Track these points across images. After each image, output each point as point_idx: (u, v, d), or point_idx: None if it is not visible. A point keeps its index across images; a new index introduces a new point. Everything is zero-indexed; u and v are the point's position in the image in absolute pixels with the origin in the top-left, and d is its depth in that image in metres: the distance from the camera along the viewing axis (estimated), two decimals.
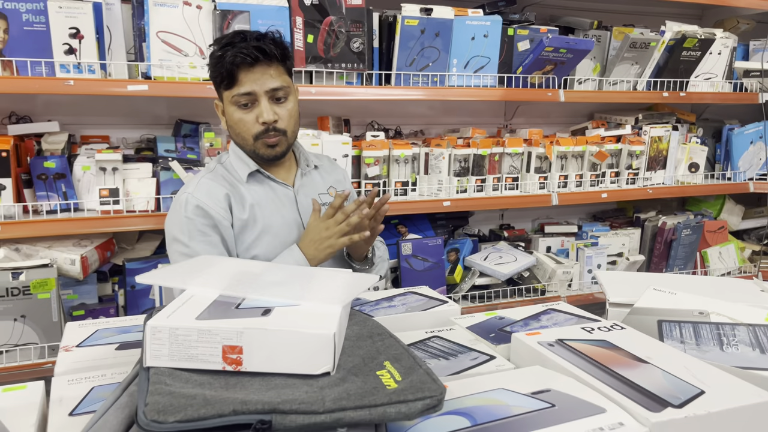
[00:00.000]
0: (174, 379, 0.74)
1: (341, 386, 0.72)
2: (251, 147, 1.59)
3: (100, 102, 2.46)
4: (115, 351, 1.06)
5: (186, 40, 2.12)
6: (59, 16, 1.94)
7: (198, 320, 0.79)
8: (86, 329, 1.16)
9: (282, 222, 1.62)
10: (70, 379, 0.94)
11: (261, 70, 1.51)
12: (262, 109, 1.53)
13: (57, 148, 2.24)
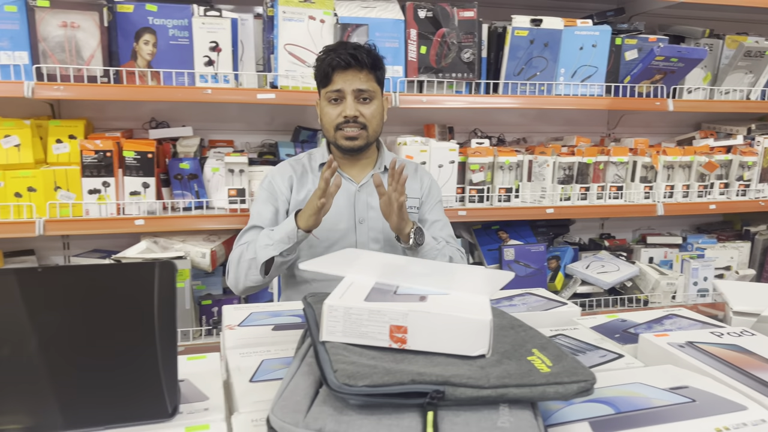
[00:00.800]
0: (349, 352, 0.85)
1: (500, 367, 0.80)
2: (333, 137, 1.79)
3: (228, 109, 2.67)
4: (272, 331, 1.19)
5: (309, 51, 2.28)
6: (201, 31, 2.15)
7: (367, 302, 0.89)
8: (241, 312, 1.30)
9: (334, 210, 1.74)
10: (241, 352, 1.07)
11: (352, 74, 1.74)
12: (347, 105, 1.74)
13: (190, 151, 2.46)
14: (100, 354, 0.86)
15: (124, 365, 0.86)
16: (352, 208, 1.82)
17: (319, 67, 1.76)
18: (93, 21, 2.05)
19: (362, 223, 1.83)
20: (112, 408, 0.84)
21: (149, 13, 2.14)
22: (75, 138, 2.23)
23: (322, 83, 1.77)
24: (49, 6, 2.01)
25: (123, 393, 0.85)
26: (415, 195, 1.91)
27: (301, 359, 0.91)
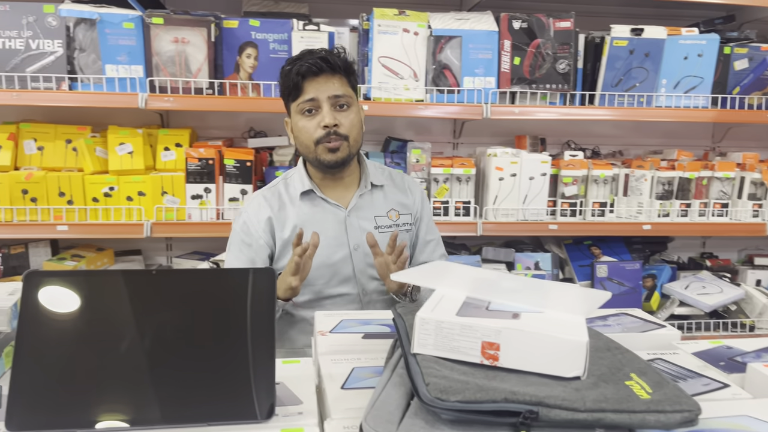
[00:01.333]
0: (440, 366, 0.85)
1: (596, 390, 0.78)
2: (313, 154, 1.60)
3: None
4: (362, 339, 1.21)
5: (402, 64, 2.31)
6: (300, 44, 2.23)
7: (459, 317, 0.89)
8: (332, 319, 1.33)
9: (326, 243, 1.62)
10: (333, 359, 1.10)
11: (324, 79, 1.57)
12: (324, 114, 1.56)
13: (285, 160, 2.55)
14: (200, 354, 0.92)
15: (222, 366, 0.91)
16: (344, 236, 1.65)
17: (286, 78, 1.59)
18: (201, 36, 2.18)
19: (357, 249, 1.66)
20: (210, 407, 0.88)
21: (252, 28, 2.25)
22: (181, 146, 2.38)
23: (292, 96, 1.60)
24: (163, 23, 2.15)
25: (221, 393, 0.89)
26: (407, 211, 1.75)
27: (392, 370, 0.93)
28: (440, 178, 2.47)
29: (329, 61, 1.56)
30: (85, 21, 2.16)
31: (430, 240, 1.78)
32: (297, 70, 1.55)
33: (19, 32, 2.13)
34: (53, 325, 0.91)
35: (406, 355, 0.92)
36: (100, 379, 0.88)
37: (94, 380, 0.88)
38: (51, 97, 2.16)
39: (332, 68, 1.57)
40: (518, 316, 0.91)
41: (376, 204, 1.71)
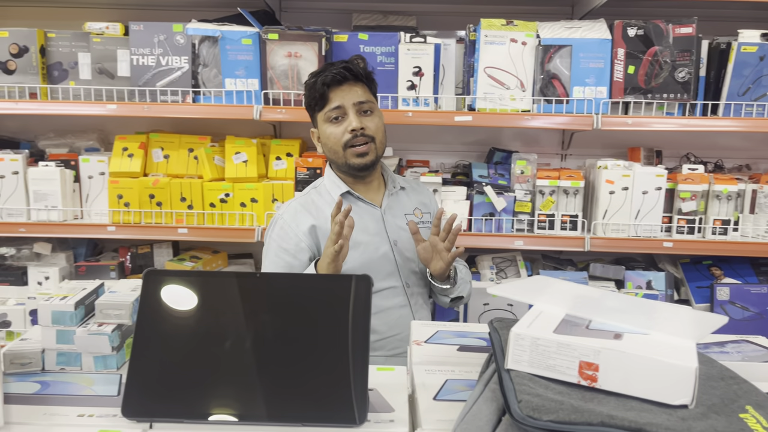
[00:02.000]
0: (534, 383, 0.83)
1: (705, 421, 0.73)
2: (343, 159, 1.69)
3: (426, 130, 2.77)
4: (457, 351, 1.20)
5: (509, 74, 2.28)
6: (407, 56, 2.26)
7: (556, 334, 0.86)
8: (428, 329, 1.34)
9: (369, 239, 1.71)
10: (427, 369, 1.10)
11: (348, 88, 1.67)
12: (350, 119, 1.66)
13: None
14: (302, 356, 0.95)
15: (321, 369, 0.94)
16: (383, 233, 1.75)
17: (312, 90, 1.69)
18: (313, 50, 2.27)
19: (396, 244, 1.76)
20: (309, 408, 0.91)
21: (361, 42, 2.31)
22: (291, 156, 2.48)
23: (319, 105, 1.70)
24: (278, 38, 2.26)
25: (318, 395, 0.92)
26: (427, 210, 1.87)
27: (485, 384, 0.91)
28: (546, 191, 2.40)
29: (351, 70, 1.67)
30: (209, 38, 2.32)
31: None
32: (322, 81, 1.66)
33: (151, 50, 2.33)
34: (168, 320, 0.98)
35: (499, 370, 0.90)
36: (208, 374, 0.94)
37: (202, 375, 0.94)
38: (176, 109, 2.34)
39: (355, 77, 1.68)
40: (620, 336, 0.87)
41: (403, 203, 1.82)
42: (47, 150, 2.58)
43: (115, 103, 2.34)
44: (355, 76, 1.68)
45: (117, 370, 1.10)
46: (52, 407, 0.95)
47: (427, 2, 2.61)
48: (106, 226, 2.40)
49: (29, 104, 2.35)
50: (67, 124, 2.70)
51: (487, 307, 2.34)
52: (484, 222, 2.39)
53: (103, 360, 1.09)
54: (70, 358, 1.09)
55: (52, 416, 0.92)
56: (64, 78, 2.40)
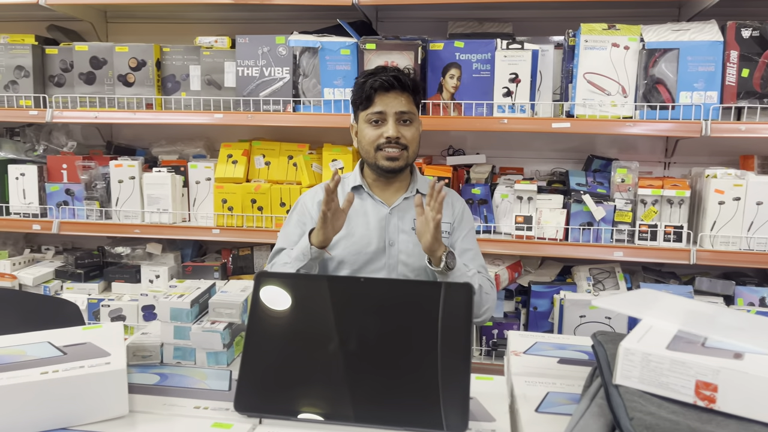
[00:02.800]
0: (646, 401, 0.80)
1: None
2: (373, 158, 1.76)
3: (520, 137, 2.73)
4: (558, 364, 1.18)
5: (610, 79, 2.21)
6: (503, 63, 2.24)
7: (669, 350, 0.83)
8: (526, 339, 1.32)
9: (364, 232, 1.76)
10: (527, 380, 1.09)
11: (393, 96, 1.72)
12: (388, 126, 1.72)
13: (481, 177, 2.57)
14: (405, 361, 0.96)
15: (426, 375, 0.95)
16: (382, 231, 1.78)
17: (360, 90, 1.75)
18: (409, 59, 2.30)
19: (392, 245, 1.77)
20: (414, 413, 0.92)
21: (457, 49, 2.32)
22: None
23: (363, 105, 1.76)
24: (375, 48, 2.31)
25: (424, 401, 0.93)
26: (447, 220, 1.83)
27: (590, 399, 0.89)
28: (648, 200, 2.30)
29: (400, 80, 1.73)
30: (309, 49, 2.40)
31: (467, 249, 1.83)
32: (371, 84, 1.72)
33: (255, 61, 2.44)
34: (276, 320, 1.03)
35: (606, 386, 0.88)
36: (315, 373, 0.98)
37: (309, 374, 0.98)
38: (278, 118, 2.44)
39: (402, 86, 1.73)
40: (741, 356, 0.83)
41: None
42: (159, 157, 2.76)
43: (222, 112, 2.47)
44: (402, 85, 1.74)
45: (227, 366, 1.16)
46: (171, 398, 1.02)
47: (523, 8, 2.58)
48: (211, 228, 2.53)
49: (145, 114, 2.52)
50: (177, 132, 2.88)
51: (584, 319, 2.27)
52: (582, 231, 2.32)
53: (215, 356, 1.15)
54: (186, 353, 1.16)
55: (171, 407, 0.99)
56: (177, 89, 2.56)
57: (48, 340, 1.04)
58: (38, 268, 2.74)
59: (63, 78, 2.62)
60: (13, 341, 1.04)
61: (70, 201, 2.64)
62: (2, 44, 2.59)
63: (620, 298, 1.11)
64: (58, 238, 2.98)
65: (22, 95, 2.58)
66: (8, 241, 2.92)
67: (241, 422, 0.93)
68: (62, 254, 2.91)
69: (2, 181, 2.67)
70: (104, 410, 0.93)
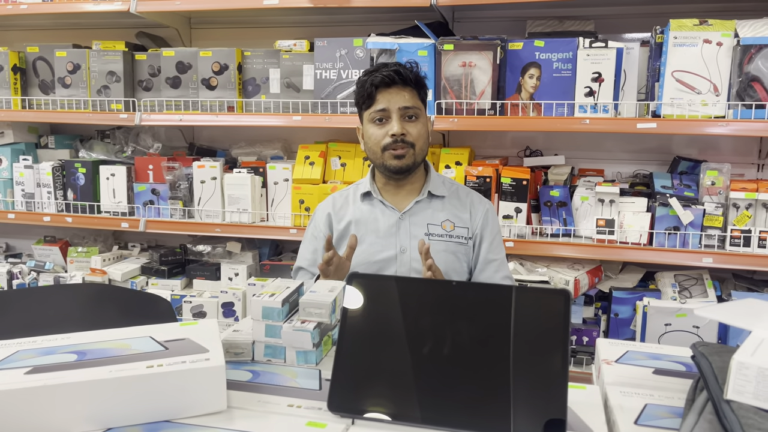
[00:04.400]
0: (762, 417, 0.76)
1: None
2: (380, 159, 1.71)
3: (601, 138, 2.64)
4: (653, 374, 1.13)
5: (701, 77, 2.11)
6: (586, 62, 2.18)
7: None
8: (617, 348, 1.27)
9: (374, 240, 1.73)
10: (622, 391, 1.05)
11: (396, 91, 1.67)
12: (393, 123, 1.67)
13: (560, 179, 2.51)
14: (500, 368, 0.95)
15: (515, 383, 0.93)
16: (393, 238, 1.74)
17: (361, 88, 1.71)
18: (487, 59, 2.27)
19: (404, 252, 1.73)
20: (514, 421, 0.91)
21: (537, 49, 2.27)
22: (461, 164, 2.50)
23: (366, 104, 1.71)
24: (453, 49, 2.29)
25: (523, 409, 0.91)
26: (463, 225, 1.76)
27: (698, 413, 0.85)
28: (741, 204, 2.18)
29: (401, 74, 1.68)
30: (387, 51, 2.41)
31: (493, 260, 1.77)
32: (371, 81, 1.68)
33: (333, 64, 2.47)
34: (368, 321, 1.03)
35: (715, 400, 0.84)
36: (406, 375, 0.98)
37: (400, 376, 0.98)
38: (354, 120, 2.45)
39: (404, 81, 1.68)
40: None
41: (431, 212, 1.76)
42: (239, 158, 2.84)
43: (300, 114, 2.52)
44: (404, 80, 1.68)
45: (316, 365, 1.17)
46: (265, 395, 1.04)
47: (606, 5, 2.50)
48: (289, 228, 2.59)
49: (227, 117, 2.60)
50: (256, 134, 2.95)
51: (669, 327, 2.18)
52: (667, 236, 2.23)
53: (304, 354, 1.17)
54: (276, 351, 1.19)
55: (265, 404, 1.01)
56: (257, 92, 2.62)
57: (150, 335, 1.08)
58: (126, 264, 2.87)
59: (151, 82, 2.74)
60: (118, 335, 1.09)
61: (155, 200, 2.76)
62: (96, 51, 2.74)
63: (724, 307, 1.06)
64: (143, 235, 3.11)
65: (113, 99, 2.72)
66: (98, 238, 3.08)
67: (334, 422, 0.94)
68: (147, 251, 3.04)
69: (94, 181, 2.82)
70: (204, 405, 0.96)
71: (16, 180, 2.90)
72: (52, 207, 2.85)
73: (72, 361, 0.97)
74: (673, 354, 1.26)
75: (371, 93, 1.69)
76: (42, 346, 1.03)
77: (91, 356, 0.99)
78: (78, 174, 2.81)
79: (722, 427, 0.78)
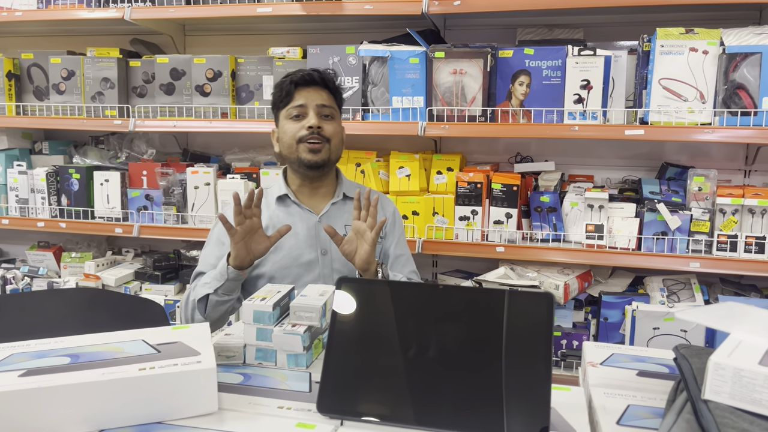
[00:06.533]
0: (737, 417, 0.78)
1: None
2: (295, 153, 1.74)
3: (590, 145, 2.68)
4: (637, 376, 1.16)
5: (687, 85, 2.15)
6: (575, 70, 2.22)
7: (762, 366, 0.81)
8: (603, 351, 1.30)
9: (294, 243, 1.75)
10: (606, 392, 1.07)
11: (314, 90, 1.77)
12: (309, 117, 1.73)
13: (550, 185, 2.54)
14: (482, 369, 0.97)
15: (499, 384, 0.95)
16: (314, 240, 1.77)
17: (280, 88, 1.78)
18: (478, 67, 2.30)
19: (325, 254, 1.78)
20: (494, 422, 0.93)
21: (527, 56, 2.31)
22: (452, 170, 2.53)
23: (284, 102, 1.78)
24: (444, 56, 2.33)
25: (496, 410, 0.93)
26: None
27: (677, 413, 0.88)
28: (727, 210, 2.22)
29: (321, 74, 1.79)
30: (378, 58, 2.44)
31: (400, 255, 1.86)
32: (291, 79, 1.77)
33: None
34: (357, 324, 1.06)
35: (693, 400, 0.86)
36: (393, 378, 1.00)
37: (388, 378, 1.00)
38: (347, 126, 2.47)
39: (322, 82, 1.78)
40: None
41: (347, 214, 1.83)
42: (233, 164, 2.86)
43: None
44: (323, 81, 1.79)
45: (306, 368, 1.19)
46: (255, 397, 1.06)
47: (595, 14, 2.54)
48: None
49: (221, 123, 2.62)
50: (249, 140, 2.97)
51: (658, 331, 2.21)
52: (656, 241, 2.26)
53: (294, 358, 1.19)
54: (267, 354, 1.21)
55: (256, 405, 1.03)
56: (250, 99, 2.65)
57: (142, 338, 1.10)
58: (119, 270, 2.88)
59: (145, 89, 2.76)
60: (110, 338, 1.10)
61: (149, 206, 2.78)
62: (90, 57, 2.76)
63: (705, 310, 1.08)
64: (137, 241, 3.12)
65: (107, 105, 2.74)
66: (92, 244, 3.09)
67: (323, 423, 0.96)
68: (141, 257, 3.05)
69: (88, 187, 2.83)
70: (196, 406, 0.98)
71: (10, 186, 2.91)
72: (46, 212, 2.87)
73: (65, 364, 0.99)
74: (657, 356, 1.28)
75: (290, 90, 1.77)
76: (36, 350, 1.05)
77: (84, 359, 1.00)
78: (72, 180, 2.82)
79: (699, 427, 0.81)
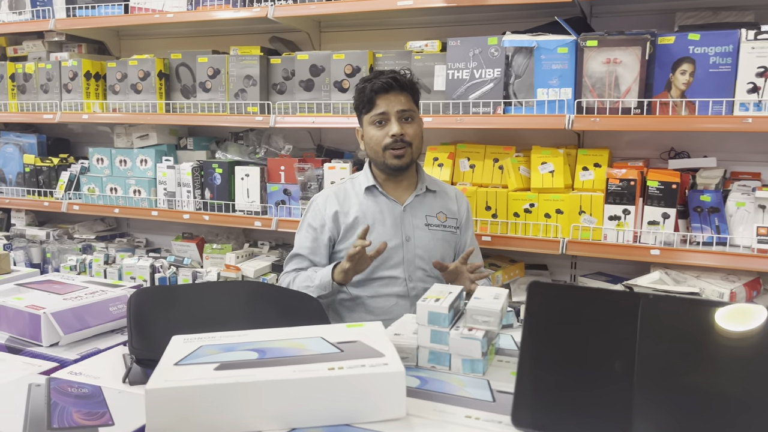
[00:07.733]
0: None
1: None
2: (381, 158, 1.94)
3: (755, 138, 2.42)
4: None
5: None
6: (750, 56, 2.00)
7: None
8: None
9: (382, 230, 1.95)
10: None
11: (393, 96, 1.91)
12: (392, 125, 1.89)
13: (711, 183, 2.32)
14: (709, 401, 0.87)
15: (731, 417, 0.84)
16: (399, 228, 1.97)
17: (361, 94, 1.92)
18: (635, 55, 2.14)
19: (409, 240, 1.97)
20: None
21: (690, 43, 2.11)
22: (599, 166, 2.37)
23: (366, 109, 1.93)
24: (597, 45, 2.18)
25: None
26: (453, 216, 2.06)
27: None
28: None
29: (398, 80, 1.91)
30: (523, 49, 2.34)
31: (474, 248, 1.98)
32: (371, 87, 1.90)
33: (466, 63, 2.43)
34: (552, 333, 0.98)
35: None
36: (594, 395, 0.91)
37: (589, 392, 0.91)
38: (486, 120, 2.40)
39: (401, 87, 1.91)
40: None
41: (428, 205, 2.04)
42: (365, 159, 2.85)
43: (431, 115, 2.49)
44: (401, 85, 1.91)
45: (483, 375, 1.13)
46: (438, 404, 1.01)
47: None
48: None
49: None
50: None
51: None
52: None
53: (471, 363, 1.13)
54: (440, 358, 1.16)
55: (441, 413, 0.98)
56: None
57: (320, 336, 1.09)
58: (257, 262, 2.97)
59: (284, 85, 2.81)
60: (290, 334, 1.10)
61: (287, 200, 2.84)
62: (234, 56, 2.85)
63: None
64: (272, 234, 3.21)
65: (249, 102, 2.82)
66: (230, 236, 3.21)
67: None
68: (276, 249, 3.14)
69: (230, 181, 2.94)
70: (383, 410, 0.94)
71: (159, 179, 3.08)
72: (191, 205, 3.01)
73: (254, 359, 0.99)
74: None
75: (371, 98, 1.91)
76: (222, 342, 1.06)
77: (270, 355, 1.00)
78: (215, 174, 2.94)
79: None
